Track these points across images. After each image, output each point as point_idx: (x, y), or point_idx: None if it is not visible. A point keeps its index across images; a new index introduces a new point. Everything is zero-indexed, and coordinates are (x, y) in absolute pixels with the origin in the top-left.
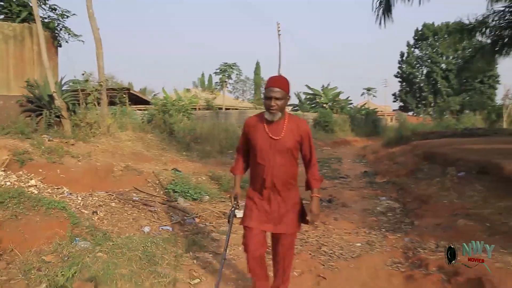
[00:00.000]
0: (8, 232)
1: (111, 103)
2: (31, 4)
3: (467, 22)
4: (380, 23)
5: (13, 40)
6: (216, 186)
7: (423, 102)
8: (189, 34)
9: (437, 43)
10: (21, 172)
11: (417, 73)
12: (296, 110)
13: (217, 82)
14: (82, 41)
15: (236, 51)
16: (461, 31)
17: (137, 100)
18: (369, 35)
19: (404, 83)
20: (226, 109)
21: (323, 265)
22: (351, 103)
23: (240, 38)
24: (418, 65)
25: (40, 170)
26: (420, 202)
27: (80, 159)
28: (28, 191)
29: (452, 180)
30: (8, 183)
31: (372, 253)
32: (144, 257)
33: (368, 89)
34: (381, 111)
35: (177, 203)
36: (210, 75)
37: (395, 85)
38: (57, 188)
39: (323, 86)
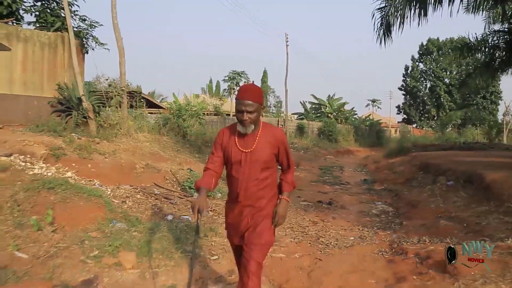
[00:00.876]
0: (59, 212)
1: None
2: (63, 15)
3: (470, 39)
4: (380, 43)
5: (48, 47)
6: (226, 186)
7: (426, 115)
8: (198, 41)
9: (441, 58)
10: (58, 165)
11: (421, 87)
12: (302, 119)
13: (225, 89)
14: (108, 49)
15: (243, 58)
16: (462, 48)
17: (146, 103)
18: (375, 48)
19: (408, 96)
20: (234, 115)
21: (320, 251)
22: (356, 114)
23: (248, 46)
24: (422, 79)
25: (73, 164)
26: (410, 207)
27: (106, 156)
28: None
29: (441, 188)
30: (50, 174)
31: (363, 244)
32: (171, 237)
33: (373, 101)
34: (385, 123)
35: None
36: (218, 82)
37: (399, 98)
38: (89, 180)
39: (328, 96)
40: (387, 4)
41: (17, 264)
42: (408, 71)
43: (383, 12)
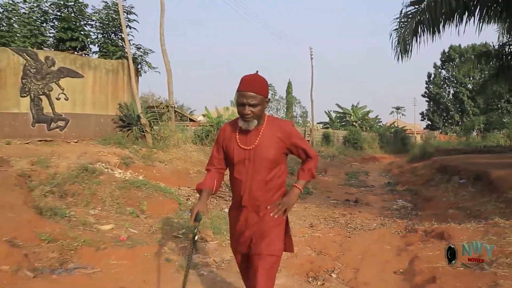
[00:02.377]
0: (147, 204)
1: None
2: (120, 44)
3: (487, 47)
4: (398, 60)
5: (111, 73)
6: None
7: (450, 121)
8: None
9: (463, 65)
10: (130, 171)
11: (444, 93)
12: (327, 128)
13: None
14: (158, 72)
15: (267, 70)
16: (480, 56)
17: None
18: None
19: (431, 103)
20: None
21: (349, 232)
22: (380, 122)
23: (272, 59)
24: (445, 85)
25: (141, 170)
26: (426, 201)
27: (166, 164)
28: None
29: (453, 186)
30: (127, 177)
31: (383, 228)
32: None
33: (397, 108)
34: (410, 129)
35: None
36: None
37: (423, 104)
38: (156, 183)
39: (352, 105)
40: (402, 25)
41: (134, 236)
42: (431, 78)
43: (399, 33)
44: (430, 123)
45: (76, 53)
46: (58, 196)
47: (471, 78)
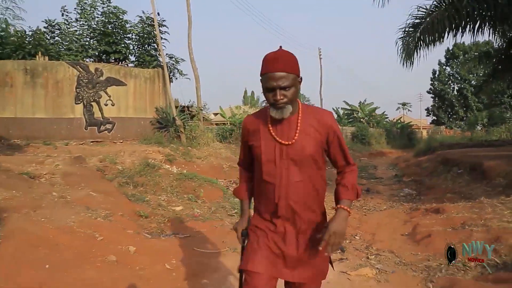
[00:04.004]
0: (200, 192)
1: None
2: (153, 53)
3: (492, 43)
4: (403, 65)
5: (149, 80)
6: None
7: (454, 116)
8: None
9: (466, 64)
10: (174, 167)
11: (449, 90)
12: None
13: (264, 100)
14: (188, 78)
15: None
16: (480, 56)
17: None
18: None
19: (436, 99)
20: None
21: (364, 212)
22: (387, 118)
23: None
24: (449, 82)
25: (183, 166)
26: (428, 189)
27: (202, 160)
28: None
29: (452, 175)
30: (175, 171)
31: (392, 209)
32: None
33: (403, 104)
34: (416, 125)
35: None
36: (252, 92)
37: (429, 100)
38: (202, 176)
39: (360, 102)
40: (406, 35)
41: (201, 214)
42: (436, 75)
43: (403, 41)
44: (435, 119)
45: (118, 64)
46: (133, 186)
47: (475, 75)
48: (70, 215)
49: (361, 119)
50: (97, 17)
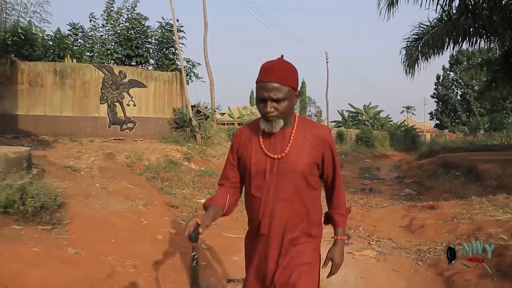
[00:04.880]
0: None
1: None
2: (172, 57)
3: (494, 47)
4: (407, 74)
5: (167, 83)
6: None
7: (457, 120)
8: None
9: (468, 71)
10: (192, 164)
11: (452, 95)
12: (339, 127)
13: None
14: (204, 81)
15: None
16: (482, 64)
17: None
18: None
19: (440, 103)
20: None
21: (367, 209)
22: (391, 121)
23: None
24: (453, 87)
25: (200, 163)
26: (427, 189)
27: (217, 158)
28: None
29: (450, 177)
30: (195, 168)
31: (393, 206)
32: None
33: (408, 108)
34: (420, 128)
35: None
36: None
37: (432, 105)
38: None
39: (364, 105)
40: (409, 46)
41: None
42: (440, 80)
43: (406, 51)
44: (438, 123)
45: (140, 67)
46: (160, 181)
47: (478, 80)
48: (116, 203)
49: (366, 122)
50: (122, 23)
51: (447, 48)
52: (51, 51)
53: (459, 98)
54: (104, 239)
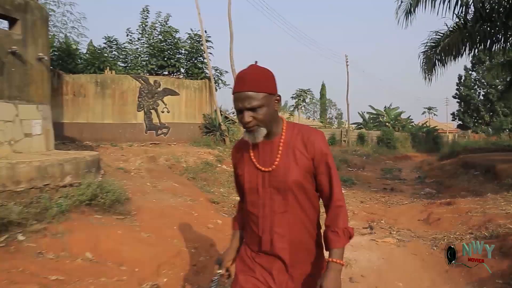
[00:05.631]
0: None
1: None
2: (200, 66)
3: None
4: (425, 79)
5: (197, 90)
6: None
7: (480, 121)
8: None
9: (490, 72)
10: (224, 165)
11: (474, 95)
12: (360, 128)
13: (292, 105)
14: (231, 88)
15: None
16: (503, 65)
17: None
18: None
19: (462, 104)
20: None
21: (388, 205)
22: (412, 122)
23: (304, 62)
24: (475, 87)
25: (231, 166)
26: (446, 188)
27: None
28: None
29: (469, 176)
30: (228, 169)
31: (412, 203)
32: None
33: (429, 108)
34: (442, 129)
35: None
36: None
37: (454, 105)
38: None
39: (385, 106)
40: (427, 52)
41: None
42: (462, 80)
43: (425, 55)
44: (461, 123)
45: (172, 76)
46: (200, 180)
47: (502, 80)
48: (168, 198)
49: (387, 123)
50: (155, 37)
51: (462, 54)
52: (92, 64)
53: (482, 98)
54: (167, 226)
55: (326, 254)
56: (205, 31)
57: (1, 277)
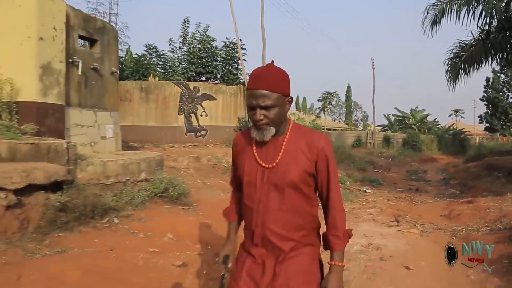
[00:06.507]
0: None
1: None
2: (235, 72)
3: None
4: (450, 83)
5: (233, 95)
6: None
7: (508, 124)
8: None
9: None
10: None
11: (503, 97)
12: (385, 131)
13: (318, 107)
14: None
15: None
16: None
17: None
18: None
19: (489, 106)
20: (328, 129)
21: (413, 203)
22: (439, 124)
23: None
24: (504, 89)
25: None
26: (469, 189)
27: None
28: None
29: (492, 178)
30: None
31: (436, 202)
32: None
33: (456, 111)
34: (469, 131)
35: None
36: (304, 98)
37: (482, 107)
38: None
39: (411, 109)
40: (452, 57)
41: None
42: (489, 83)
43: (450, 63)
44: (488, 126)
45: (209, 82)
46: None
47: None
48: (219, 193)
49: (412, 126)
50: (195, 45)
51: (485, 63)
52: (137, 71)
53: (511, 100)
54: None
55: (317, 254)
56: (240, 39)
57: (117, 246)
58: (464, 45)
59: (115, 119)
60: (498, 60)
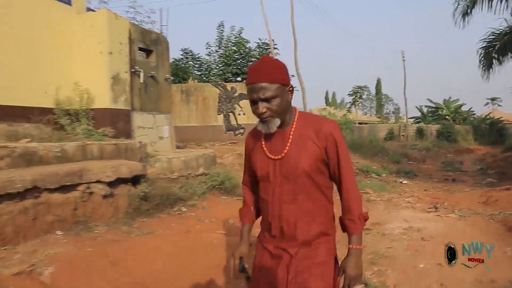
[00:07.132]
0: None
1: None
2: None
3: None
4: (484, 73)
5: None
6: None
7: None
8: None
9: None
10: None
11: None
12: (418, 122)
13: (349, 102)
14: (297, 90)
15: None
16: None
17: None
18: None
19: None
20: (359, 123)
21: (450, 192)
22: (474, 114)
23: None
24: None
25: None
26: (508, 178)
27: None
28: None
29: None
30: None
31: (474, 191)
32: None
33: (493, 99)
34: (508, 120)
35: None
36: (334, 93)
37: None
38: None
39: (444, 99)
40: (485, 47)
41: None
42: None
43: (483, 53)
44: None
45: (243, 82)
46: None
47: None
48: None
49: (446, 117)
50: (230, 48)
51: None
52: (177, 74)
53: None
54: None
55: (333, 243)
56: (273, 40)
57: (192, 229)
58: (497, 34)
59: (169, 120)
60: None
